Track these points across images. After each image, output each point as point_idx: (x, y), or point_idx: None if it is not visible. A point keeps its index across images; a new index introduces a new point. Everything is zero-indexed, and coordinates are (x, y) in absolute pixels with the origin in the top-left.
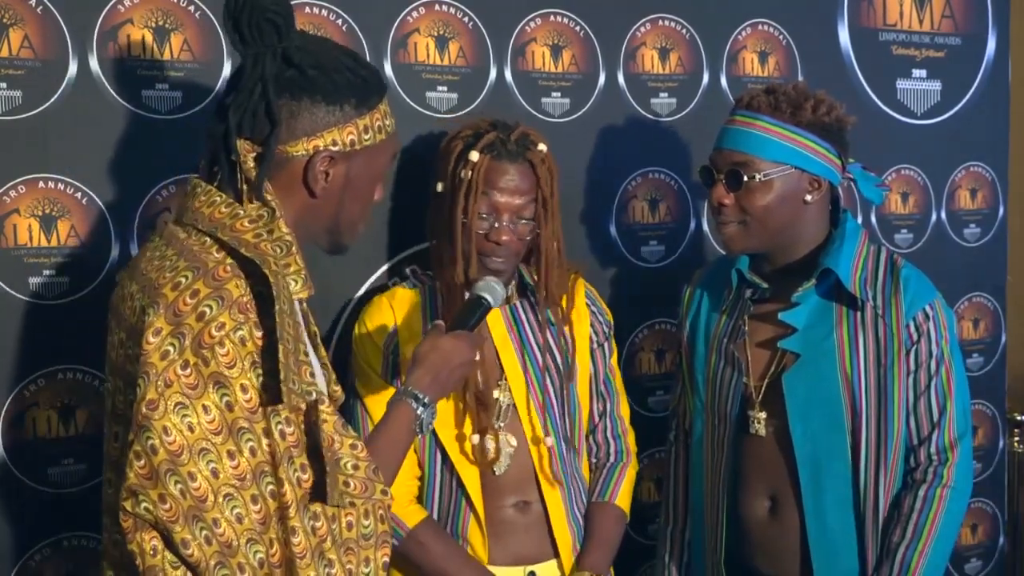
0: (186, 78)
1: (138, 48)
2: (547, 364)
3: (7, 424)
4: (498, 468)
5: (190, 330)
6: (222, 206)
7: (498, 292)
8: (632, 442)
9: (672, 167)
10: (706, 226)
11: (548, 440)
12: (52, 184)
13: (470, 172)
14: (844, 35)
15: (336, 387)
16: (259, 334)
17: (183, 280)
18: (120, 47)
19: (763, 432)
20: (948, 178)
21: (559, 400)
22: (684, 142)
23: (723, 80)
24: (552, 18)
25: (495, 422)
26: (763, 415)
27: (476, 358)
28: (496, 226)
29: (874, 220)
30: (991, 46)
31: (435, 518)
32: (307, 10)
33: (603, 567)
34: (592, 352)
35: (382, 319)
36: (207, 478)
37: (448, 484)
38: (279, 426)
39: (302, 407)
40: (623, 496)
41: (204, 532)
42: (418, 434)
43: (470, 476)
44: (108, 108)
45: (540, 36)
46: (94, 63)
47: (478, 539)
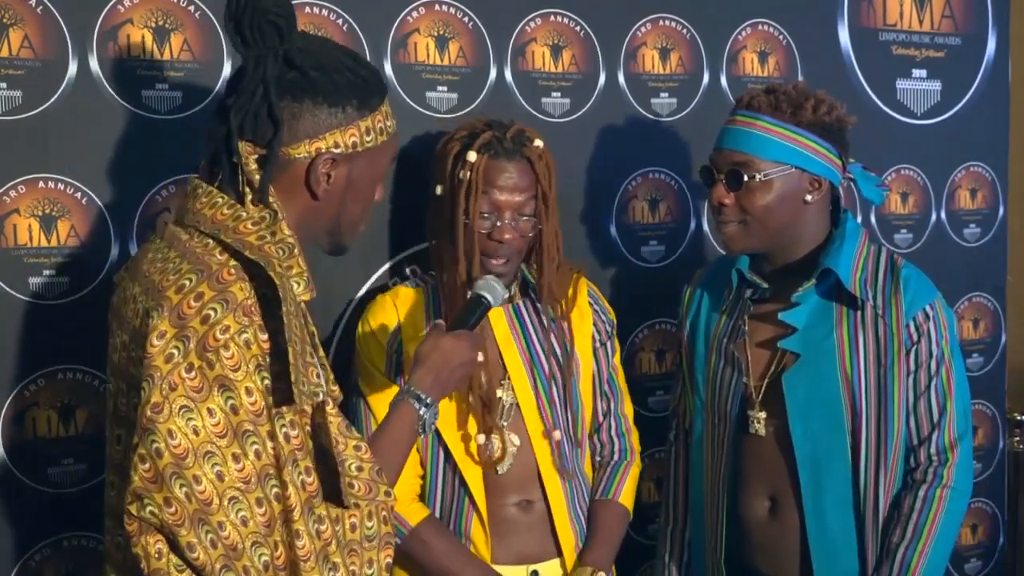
0: (186, 78)
1: (138, 48)
2: (550, 362)
3: (7, 424)
4: (501, 467)
5: (195, 333)
6: (224, 208)
7: (498, 291)
8: (636, 441)
9: (672, 167)
10: (706, 226)
11: (556, 433)
12: (52, 184)
13: (469, 172)
14: (844, 35)
15: (334, 387)
16: (264, 337)
17: (187, 283)
18: (120, 47)
19: (763, 432)
20: (948, 178)
21: (562, 397)
22: (684, 142)
23: (723, 80)
24: (552, 18)
25: (499, 421)
26: (763, 415)
27: (479, 357)
28: (498, 225)
29: (874, 220)
30: (991, 46)
31: (437, 517)
32: (307, 10)
33: (605, 563)
34: (595, 351)
35: (386, 318)
36: (212, 481)
37: (451, 483)
38: (283, 429)
39: (307, 409)
40: (627, 494)
41: (209, 535)
42: (420, 434)
43: (473, 475)
44: (108, 108)
45: (540, 36)
46: (94, 63)
47: (481, 538)
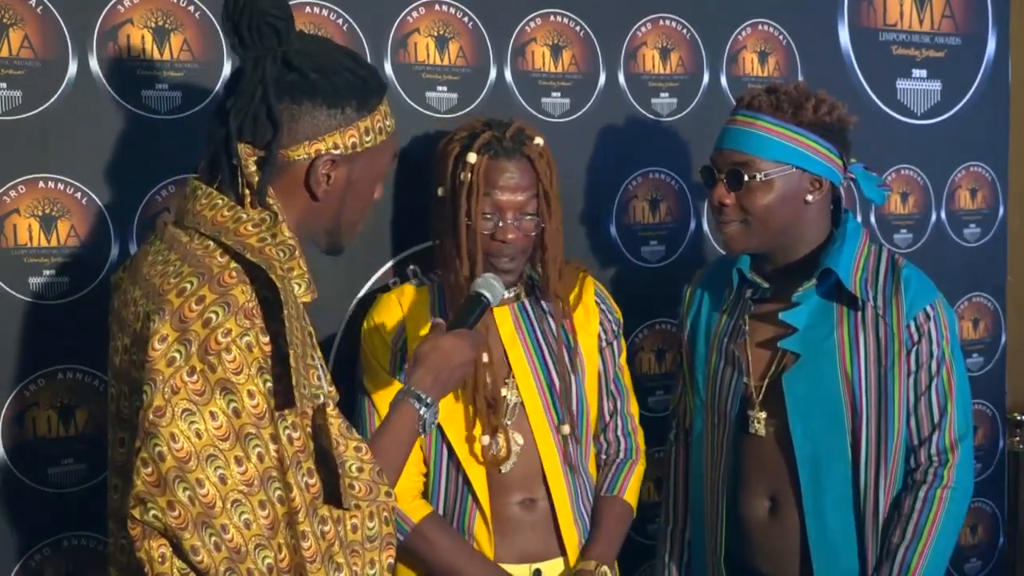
0: (186, 78)
1: (138, 48)
2: (555, 360)
3: (7, 424)
4: (505, 467)
5: (196, 336)
6: (224, 209)
7: (497, 289)
8: (641, 440)
9: (672, 167)
10: (706, 226)
11: (564, 428)
12: (52, 184)
13: (469, 174)
14: (844, 35)
15: (331, 387)
16: (265, 340)
17: (188, 286)
18: (120, 47)
19: (763, 432)
20: (948, 178)
21: (566, 396)
22: (684, 142)
23: (723, 80)
24: (552, 18)
25: (503, 420)
26: (763, 415)
27: (482, 357)
28: (500, 225)
29: (874, 220)
30: (991, 46)
31: (441, 515)
32: (307, 10)
33: (608, 557)
34: (601, 350)
35: (391, 316)
36: (215, 484)
37: (454, 481)
38: (287, 431)
39: (309, 411)
40: (631, 491)
41: (213, 538)
42: (421, 434)
43: (477, 474)
44: (108, 108)
45: (540, 36)
46: (94, 63)
47: (484, 536)
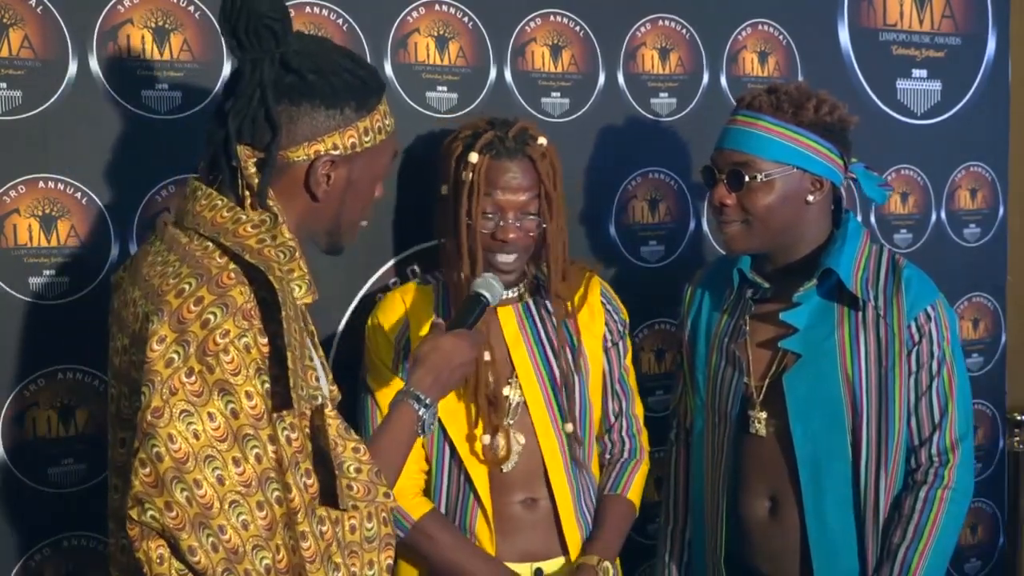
0: (185, 78)
1: (138, 48)
2: (558, 360)
3: (7, 424)
4: (506, 466)
5: (194, 337)
6: (223, 210)
7: (496, 289)
8: (645, 441)
9: (672, 167)
10: (705, 226)
11: (568, 426)
12: (52, 184)
13: (471, 173)
14: (844, 35)
15: (333, 386)
16: (263, 341)
17: (187, 287)
18: (120, 47)
19: (763, 432)
20: (948, 178)
21: (569, 395)
22: (684, 142)
23: (723, 80)
24: (552, 18)
25: (505, 420)
26: (763, 415)
27: (484, 356)
28: (501, 224)
29: (874, 220)
30: (991, 46)
31: (442, 512)
32: (307, 10)
33: (610, 553)
34: (606, 351)
35: (395, 314)
36: (213, 485)
37: (456, 480)
38: (285, 432)
39: (308, 412)
40: (635, 490)
41: (211, 539)
42: (420, 435)
43: (478, 473)
44: (108, 108)
45: (540, 36)
46: (94, 63)
47: (486, 535)
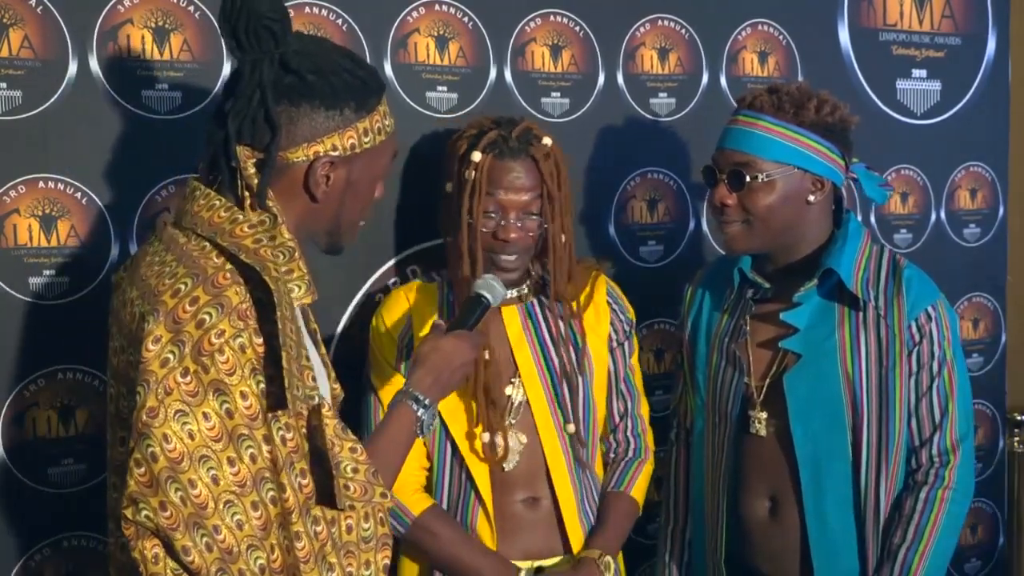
0: (185, 78)
1: (138, 48)
2: (562, 360)
3: (7, 424)
4: (507, 465)
5: (190, 337)
6: (221, 210)
7: (497, 290)
8: (650, 440)
9: (671, 167)
10: (705, 226)
11: (570, 427)
12: (52, 184)
13: (473, 172)
14: (844, 35)
15: (335, 384)
16: (259, 341)
17: (182, 287)
18: (120, 47)
19: (764, 432)
20: (948, 178)
21: (572, 395)
22: (683, 142)
23: (723, 80)
24: (552, 18)
25: (507, 419)
26: (764, 415)
27: (485, 356)
28: (503, 224)
29: (873, 220)
30: (991, 46)
31: (445, 509)
32: (307, 10)
33: (612, 548)
34: (612, 350)
35: (399, 312)
36: (207, 485)
37: (458, 477)
38: (280, 432)
39: (304, 412)
40: (638, 488)
41: (205, 539)
42: (419, 435)
43: (480, 472)
44: (108, 108)
45: (540, 36)
46: (94, 63)
47: (487, 533)
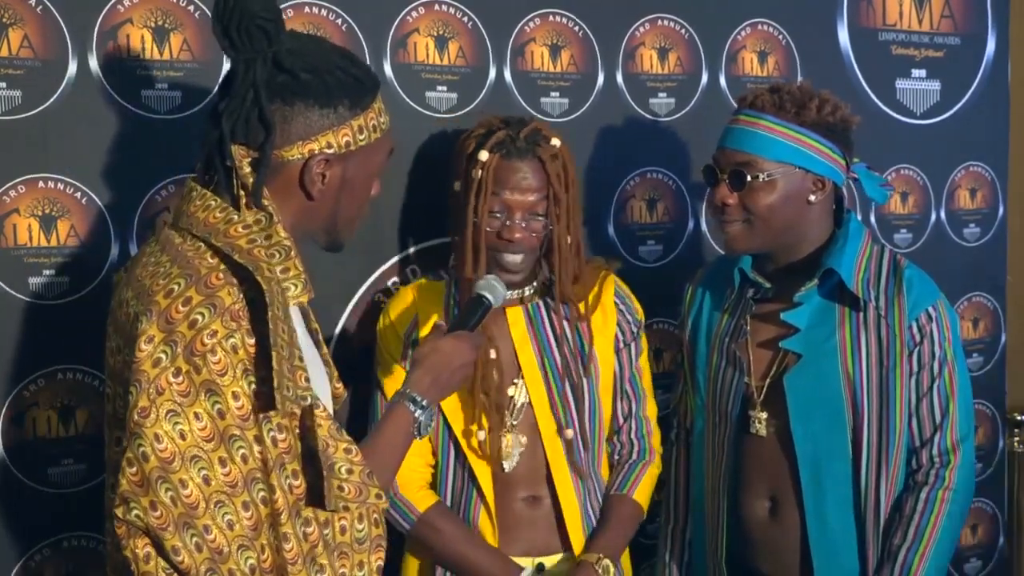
0: (185, 78)
1: (137, 48)
2: (565, 362)
3: (7, 424)
4: (507, 465)
5: (182, 338)
6: (216, 211)
7: (498, 291)
8: (657, 443)
9: (670, 167)
10: (704, 226)
11: (568, 432)
12: (52, 184)
13: (480, 171)
14: (844, 35)
15: (338, 384)
16: (251, 341)
17: (176, 287)
18: (120, 47)
19: (764, 432)
20: (948, 178)
21: (576, 397)
22: (683, 142)
23: (722, 80)
24: (551, 18)
25: (509, 420)
26: (764, 415)
27: (490, 355)
28: (508, 224)
29: (874, 220)
30: (991, 46)
31: (448, 506)
32: (307, 10)
33: (613, 552)
34: (618, 352)
35: (405, 309)
36: (198, 485)
37: (460, 476)
38: (271, 433)
39: (296, 412)
40: (641, 491)
41: (195, 539)
42: (416, 436)
43: (482, 471)
44: (108, 108)
45: (539, 36)
46: (94, 63)
47: (488, 530)
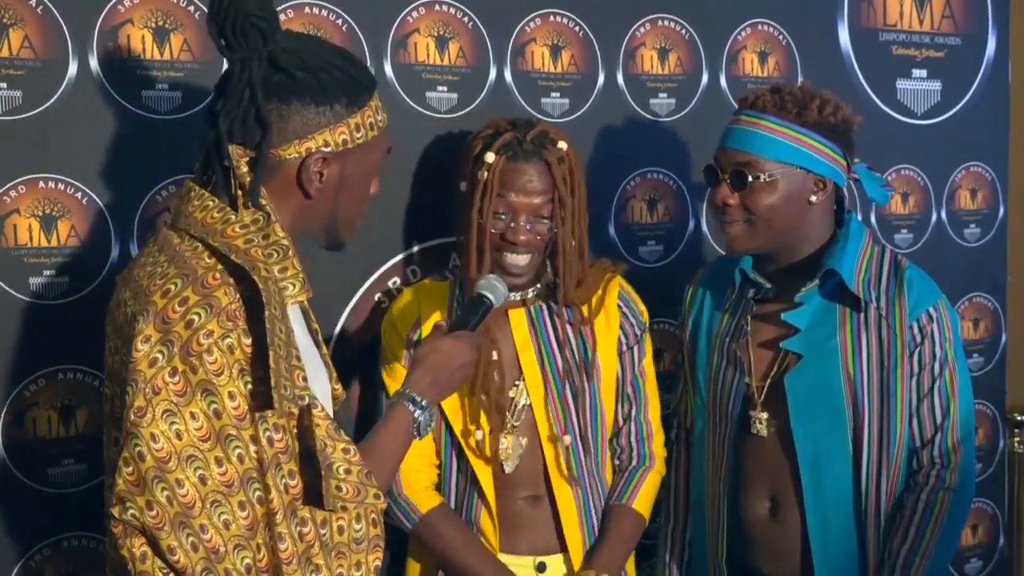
0: (186, 78)
1: (138, 48)
2: (567, 365)
3: (7, 424)
4: (508, 466)
5: (178, 337)
6: (214, 211)
7: (499, 290)
8: (658, 446)
9: (671, 167)
10: (704, 226)
11: (566, 439)
12: (52, 184)
13: (486, 173)
14: (844, 35)
15: (337, 385)
16: (247, 341)
17: (172, 287)
18: (120, 47)
19: (764, 432)
20: (948, 178)
21: (576, 401)
22: (683, 142)
23: (722, 80)
24: (552, 18)
25: (510, 421)
26: (765, 415)
27: (492, 355)
28: (512, 226)
29: (874, 220)
30: (991, 46)
31: (452, 506)
32: (307, 10)
33: (612, 567)
34: (620, 355)
35: (408, 309)
36: (195, 485)
37: (463, 475)
38: (267, 432)
39: (294, 412)
40: (641, 500)
41: (191, 538)
42: (415, 437)
43: (482, 471)
44: (108, 108)
45: (540, 36)
46: (94, 63)
47: (490, 529)
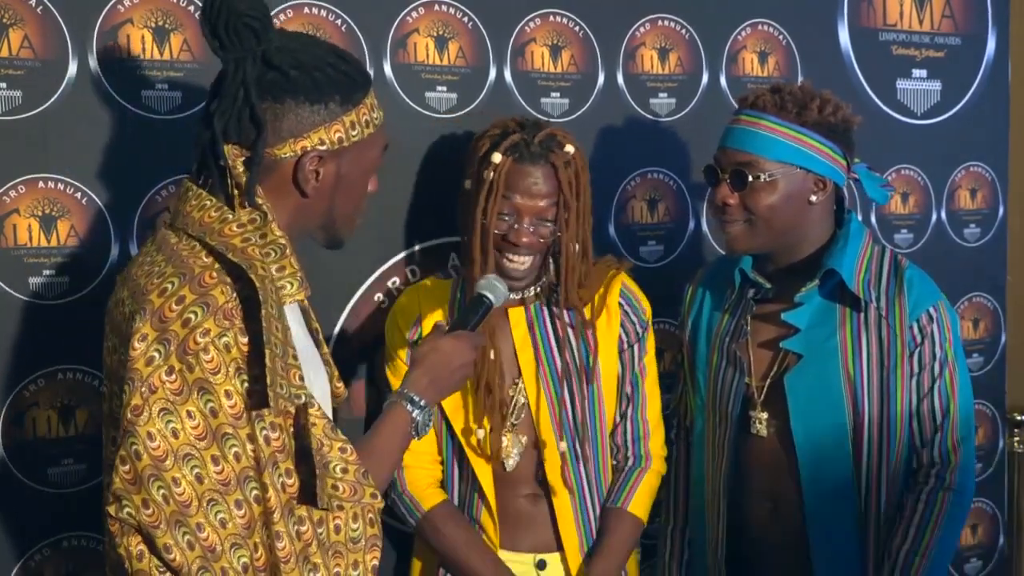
0: (185, 78)
1: (138, 48)
2: (566, 366)
3: (7, 424)
4: (508, 465)
5: (175, 336)
6: (211, 210)
7: (500, 290)
8: (656, 446)
9: (671, 167)
10: (704, 226)
11: (561, 445)
12: (52, 184)
13: (492, 173)
14: (844, 35)
15: (338, 384)
16: (244, 340)
17: (169, 286)
18: (120, 47)
19: (764, 432)
20: (948, 178)
21: (574, 403)
22: (683, 142)
23: (723, 80)
24: (552, 18)
25: (509, 420)
26: (764, 415)
27: (490, 355)
28: (516, 227)
29: (874, 220)
30: (991, 46)
31: (455, 503)
32: (306, 10)
33: (610, 573)
34: (621, 354)
35: (410, 308)
36: (191, 483)
37: (464, 473)
38: (263, 431)
39: (291, 411)
40: (637, 502)
41: (187, 537)
42: (414, 436)
43: (483, 469)
44: (108, 108)
45: (539, 36)
46: (94, 63)
47: (490, 526)
